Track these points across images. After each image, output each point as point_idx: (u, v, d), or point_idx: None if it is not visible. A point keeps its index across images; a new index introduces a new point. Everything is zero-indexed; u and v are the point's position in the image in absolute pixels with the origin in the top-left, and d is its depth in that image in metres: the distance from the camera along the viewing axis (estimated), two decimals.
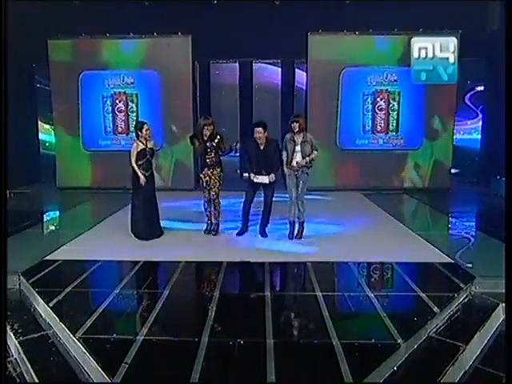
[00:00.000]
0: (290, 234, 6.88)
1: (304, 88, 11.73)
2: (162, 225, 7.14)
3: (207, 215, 7.20)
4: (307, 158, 6.56)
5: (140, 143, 6.73)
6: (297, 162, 6.58)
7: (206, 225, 7.26)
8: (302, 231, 6.88)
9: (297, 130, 6.53)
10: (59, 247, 6.46)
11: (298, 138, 6.59)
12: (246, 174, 6.87)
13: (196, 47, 11.20)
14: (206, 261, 6.00)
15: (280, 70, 12.66)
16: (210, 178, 6.98)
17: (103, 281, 5.51)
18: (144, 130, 6.71)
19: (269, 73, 12.79)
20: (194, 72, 11.56)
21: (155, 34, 11.15)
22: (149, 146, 6.78)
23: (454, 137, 11.15)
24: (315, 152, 6.61)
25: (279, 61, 12.58)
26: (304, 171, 6.64)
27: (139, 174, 6.67)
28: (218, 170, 6.99)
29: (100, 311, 4.40)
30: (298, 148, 6.58)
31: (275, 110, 12.49)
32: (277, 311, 4.43)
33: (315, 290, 4.94)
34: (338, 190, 10.94)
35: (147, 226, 6.83)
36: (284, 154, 6.67)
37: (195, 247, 6.53)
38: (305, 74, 11.63)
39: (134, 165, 6.67)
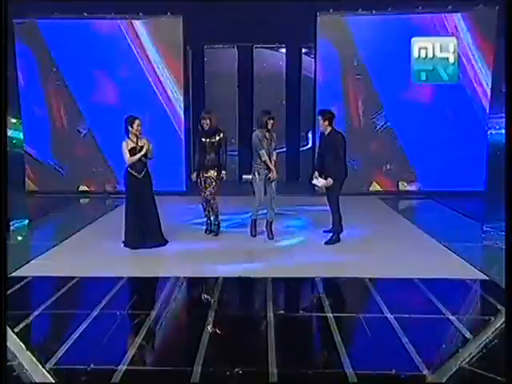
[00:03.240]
0: (252, 230, 7.62)
1: (312, 76, 11.70)
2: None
3: (206, 215, 7.76)
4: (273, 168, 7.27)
5: (130, 141, 6.80)
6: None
7: (205, 225, 7.86)
8: (272, 230, 7.57)
9: (270, 127, 7.20)
10: (28, 262, 6.44)
11: (269, 136, 7.24)
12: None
13: (188, 30, 11.19)
14: (199, 276, 6.01)
15: (285, 56, 12.65)
16: (206, 178, 7.42)
17: (80, 301, 5.47)
18: (135, 126, 6.79)
19: (272, 59, 12.77)
20: (185, 58, 11.55)
21: (140, 14, 11.14)
22: (139, 144, 6.83)
23: (489, 132, 11.14)
24: (274, 153, 7.34)
25: (284, 45, 12.57)
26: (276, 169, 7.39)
27: (133, 158, 6.78)
28: (214, 172, 7.36)
29: (75, 337, 4.35)
30: (273, 145, 7.31)
31: (279, 103, 12.47)
32: (281, 335, 4.39)
33: (325, 310, 4.92)
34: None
35: (140, 233, 6.95)
36: (263, 152, 7.18)
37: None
38: (313, 60, 11.62)
39: (131, 159, 6.77)
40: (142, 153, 6.80)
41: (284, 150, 12.45)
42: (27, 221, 9.44)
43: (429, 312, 4.93)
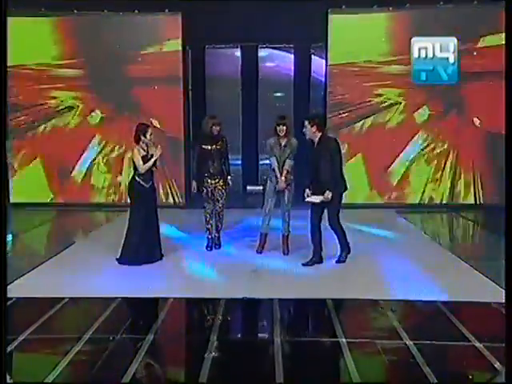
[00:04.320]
0: (257, 247, 7.62)
1: (323, 80, 11.71)
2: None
3: (208, 229, 7.76)
4: (283, 178, 7.29)
5: (141, 149, 6.99)
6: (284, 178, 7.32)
7: (206, 240, 7.80)
8: (288, 245, 7.57)
9: (283, 133, 7.25)
10: (12, 281, 6.34)
11: (282, 142, 7.32)
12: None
13: (188, 28, 11.23)
14: (200, 297, 6.00)
15: (293, 56, 12.67)
16: (214, 188, 7.54)
17: (69, 324, 5.45)
18: (148, 135, 7.00)
19: (279, 61, 12.78)
20: (185, 59, 11.58)
21: (136, 11, 11.19)
22: (150, 152, 7.03)
23: None
24: (288, 161, 7.32)
25: (292, 45, 12.59)
26: (288, 179, 7.35)
27: (147, 165, 6.91)
28: (223, 179, 7.57)
29: (64, 364, 4.31)
30: (287, 153, 7.32)
31: (286, 107, 12.46)
32: (289, 362, 4.36)
33: (338, 335, 4.88)
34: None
35: (146, 249, 7.09)
36: (273, 159, 7.34)
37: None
38: (324, 61, 11.63)
39: (144, 167, 6.91)
40: (154, 159, 6.98)
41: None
42: (11, 236, 9.44)
43: (453, 338, 4.88)
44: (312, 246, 7.07)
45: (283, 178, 7.27)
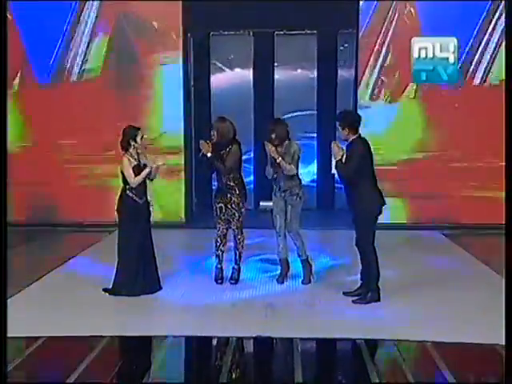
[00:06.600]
0: (279, 276, 7.67)
1: (352, 73, 11.77)
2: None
3: (217, 256, 7.67)
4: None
5: (131, 158, 6.98)
6: None
7: (215, 270, 7.72)
8: (311, 272, 7.63)
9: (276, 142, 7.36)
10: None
11: (280, 149, 7.37)
12: None
13: (190, 11, 11.33)
14: (205, 336, 6.00)
15: (316, 45, 12.67)
16: (224, 206, 7.41)
17: (48, 368, 5.46)
18: (139, 139, 7.00)
19: (298, 49, 12.79)
20: (186, 48, 11.69)
21: None
22: (142, 161, 7.03)
23: None
24: (286, 167, 7.26)
25: (314, 32, 12.64)
26: (293, 192, 7.38)
27: (140, 177, 6.92)
28: (235, 195, 7.40)
29: None
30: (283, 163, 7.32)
31: (308, 105, 12.50)
32: None
33: (372, 382, 4.84)
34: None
35: (143, 278, 7.11)
36: (268, 168, 7.48)
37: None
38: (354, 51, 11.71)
39: (136, 180, 6.91)
40: (147, 171, 6.96)
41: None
42: None
43: None
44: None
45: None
